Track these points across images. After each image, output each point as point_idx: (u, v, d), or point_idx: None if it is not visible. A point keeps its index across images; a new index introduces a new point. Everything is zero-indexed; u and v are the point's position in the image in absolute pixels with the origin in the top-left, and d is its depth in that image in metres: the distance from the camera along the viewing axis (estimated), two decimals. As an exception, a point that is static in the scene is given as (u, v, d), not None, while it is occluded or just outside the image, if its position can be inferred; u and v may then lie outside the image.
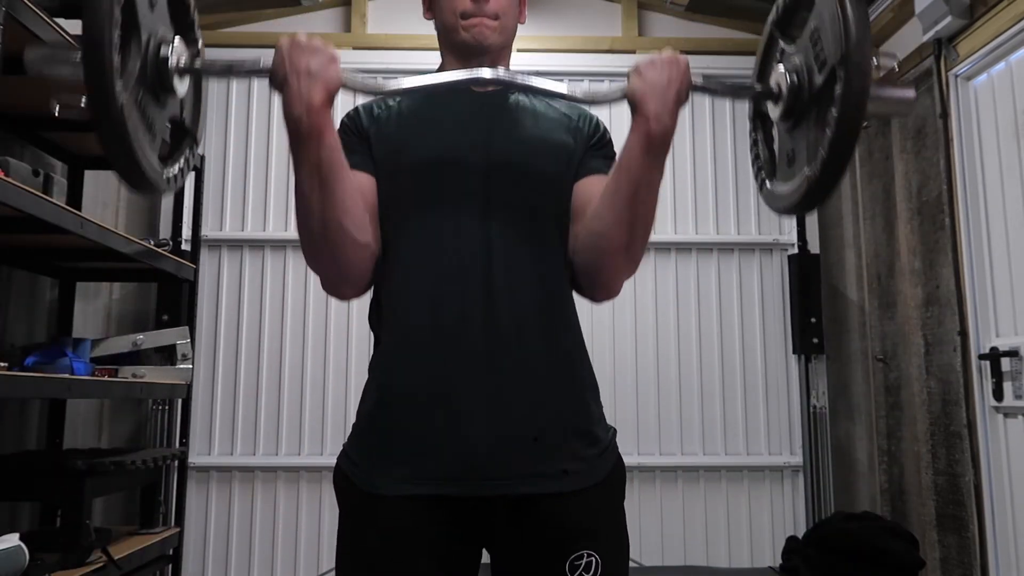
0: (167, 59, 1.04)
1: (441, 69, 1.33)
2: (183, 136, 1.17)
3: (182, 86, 1.07)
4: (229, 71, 1.12)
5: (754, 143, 1.28)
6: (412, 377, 1.17)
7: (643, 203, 1.16)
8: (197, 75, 1.14)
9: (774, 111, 1.16)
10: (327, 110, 1.08)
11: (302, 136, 1.07)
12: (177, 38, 1.07)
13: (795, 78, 1.11)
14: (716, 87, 1.16)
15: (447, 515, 1.14)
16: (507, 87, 1.24)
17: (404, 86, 1.14)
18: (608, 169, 1.23)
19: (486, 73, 1.15)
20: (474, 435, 1.14)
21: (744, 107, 4.05)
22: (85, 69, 0.90)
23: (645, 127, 1.11)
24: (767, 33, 1.24)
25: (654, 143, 1.12)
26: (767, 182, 1.24)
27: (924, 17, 2.86)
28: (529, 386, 1.17)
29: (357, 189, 1.17)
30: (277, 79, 1.06)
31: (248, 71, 1.09)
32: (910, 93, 1.13)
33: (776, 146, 1.22)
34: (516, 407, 1.15)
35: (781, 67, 1.14)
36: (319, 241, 1.15)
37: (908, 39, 3.21)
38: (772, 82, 1.15)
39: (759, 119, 1.26)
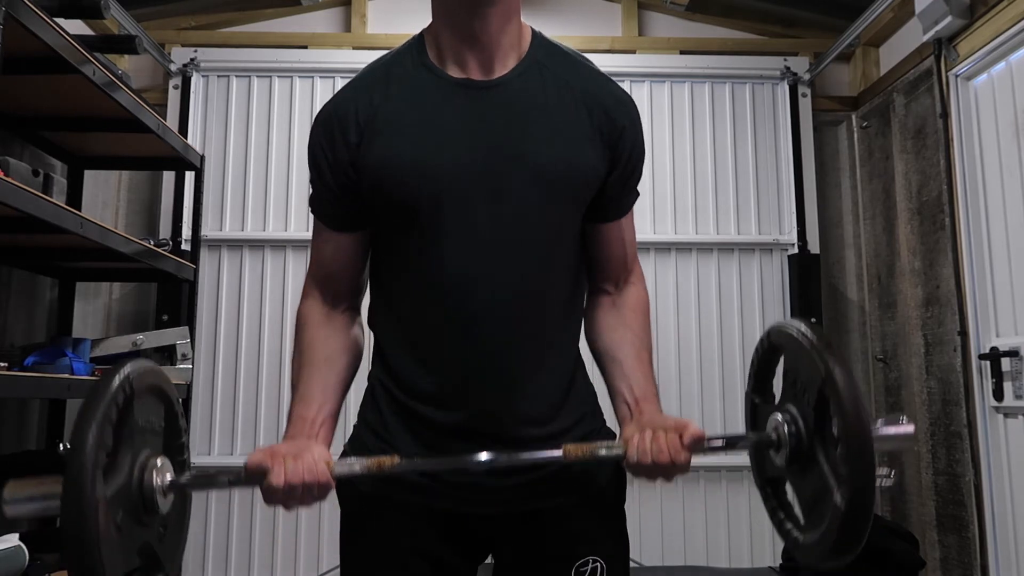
0: (152, 483, 0.99)
1: (434, 37, 1.17)
2: (155, 569, 1.06)
3: (165, 503, 1.02)
4: (212, 484, 1.12)
5: (773, 511, 1.21)
6: (416, 392, 1.16)
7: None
8: (182, 491, 1.08)
9: (777, 458, 1.13)
10: None
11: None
12: (162, 458, 1.02)
13: (792, 427, 1.09)
14: (718, 447, 1.13)
15: (447, 525, 1.14)
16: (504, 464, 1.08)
17: (400, 467, 1.06)
18: (631, 203, 1.23)
19: (483, 457, 1.05)
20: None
21: (745, 108, 3.98)
22: (64, 530, 0.87)
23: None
24: (748, 403, 1.25)
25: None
26: (799, 538, 1.16)
27: (924, 17, 2.86)
28: (537, 412, 1.15)
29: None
30: (271, 500, 1.03)
31: (232, 484, 1.06)
32: (909, 428, 1.10)
33: (793, 498, 1.17)
34: (523, 431, 1.14)
35: (778, 416, 1.12)
36: None
37: (908, 39, 3.21)
38: (769, 429, 1.13)
39: (769, 487, 1.21)
